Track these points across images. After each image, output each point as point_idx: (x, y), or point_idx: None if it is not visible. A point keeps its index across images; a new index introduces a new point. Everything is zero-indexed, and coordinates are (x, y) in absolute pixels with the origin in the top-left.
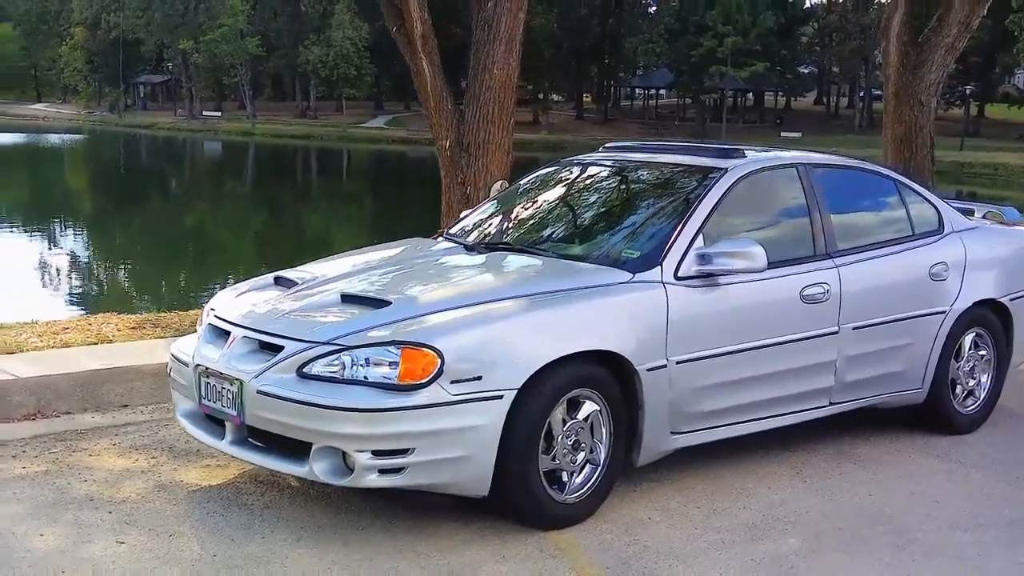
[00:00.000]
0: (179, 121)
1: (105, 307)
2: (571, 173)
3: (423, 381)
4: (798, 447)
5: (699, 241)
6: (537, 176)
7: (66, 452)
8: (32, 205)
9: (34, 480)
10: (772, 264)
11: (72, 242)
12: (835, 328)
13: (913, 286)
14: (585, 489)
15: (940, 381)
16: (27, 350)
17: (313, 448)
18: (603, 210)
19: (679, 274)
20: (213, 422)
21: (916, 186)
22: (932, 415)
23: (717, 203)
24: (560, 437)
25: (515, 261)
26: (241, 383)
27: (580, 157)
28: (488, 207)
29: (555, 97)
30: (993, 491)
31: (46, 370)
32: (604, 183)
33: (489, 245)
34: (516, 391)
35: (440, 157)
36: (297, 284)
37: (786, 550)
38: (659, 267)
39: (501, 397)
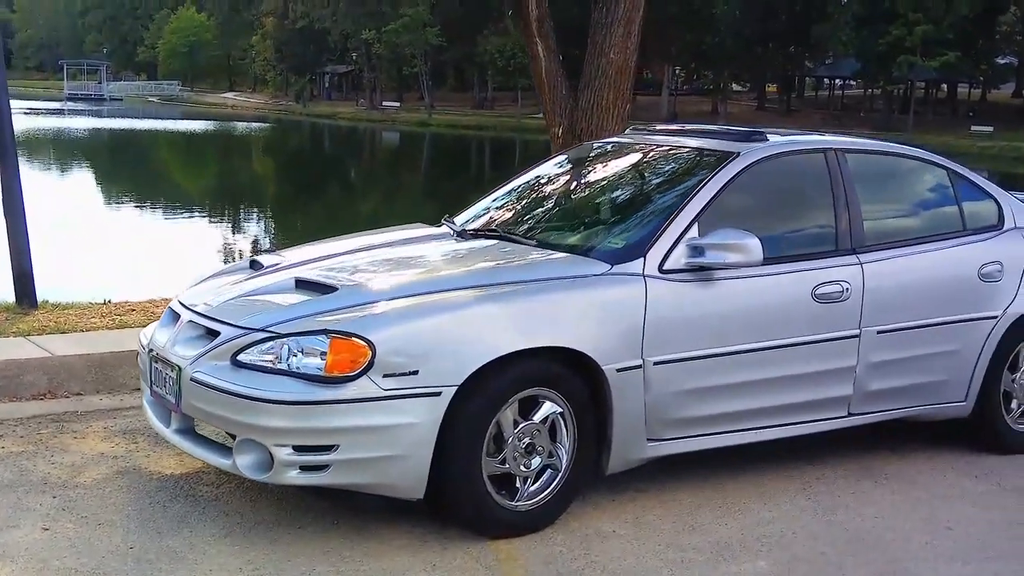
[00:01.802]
0: (360, 111)
1: None
2: (586, 157)
3: (351, 374)
4: (821, 460)
5: (693, 232)
6: (552, 160)
7: (53, 433)
8: (215, 189)
9: (2, 460)
10: (780, 259)
11: (242, 225)
12: (855, 331)
13: (957, 287)
14: (542, 496)
15: (989, 394)
16: (81, 330)
17: (236, 441)
18: (602, 197)
19: (665, 267)
20: (165, 410)
21: (975, 177)
22: (979, 431)
23: (720, 191)
24: (511, 439)
25: (492, 249)
26: (180, 369)
27: (604, 140)
28: (502, 191)
29: (736, 87)
30: (1022, 519)
31: (73, 350)
32: (613, 168)
33: (477, 232)
34: (456, 388)
35: (553, 145)
36: (264, 268)
37: (749, 574)
38: (642, 259)
39: (439, 394)
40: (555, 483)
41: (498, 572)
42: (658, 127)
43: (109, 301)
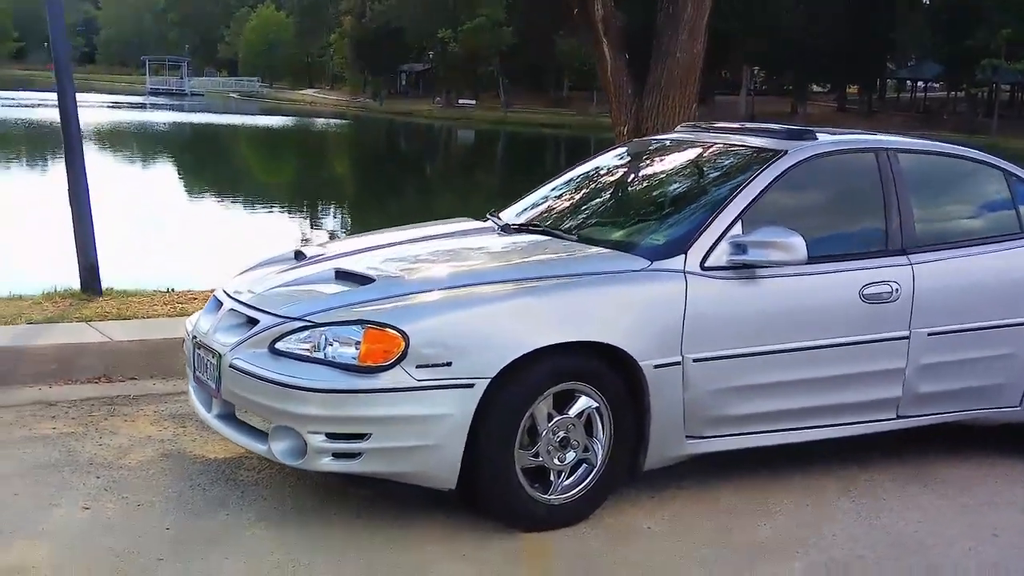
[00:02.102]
0: (436, 109)
1: None
2: (634, 154)
3: (385, 363)
4: (870, 463)
5: (736, 229)
6: (603, 155)
7: (104, 416)
8: (292, 183)
9: (52, 441)
10: (826, 258)
11: (316, 219)
12: (905, 332)
13: (1013, 289)
14: (577, 491)
15: None
16: (141, 317)
17: (272, 427)
18: (646, 193)
19: (707, 264)
20: (207, 395)
21: None
22: None
23: (766, 189)
24: (545, 433)
25: (532, 244)
26: (220, 356)
27: (652, 137)
28: (549, 187)
29: (816, 87)
30: None
31: (131, 336)
32: (660, 165)
33: (522, 226)
34: (489, 381)
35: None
36: (307, 258)
37: None
38: (683, 255)
39: (472, 386)
40: (590, 478)
41: (522, 566)
42: (710, 125)
43: (172, 290)
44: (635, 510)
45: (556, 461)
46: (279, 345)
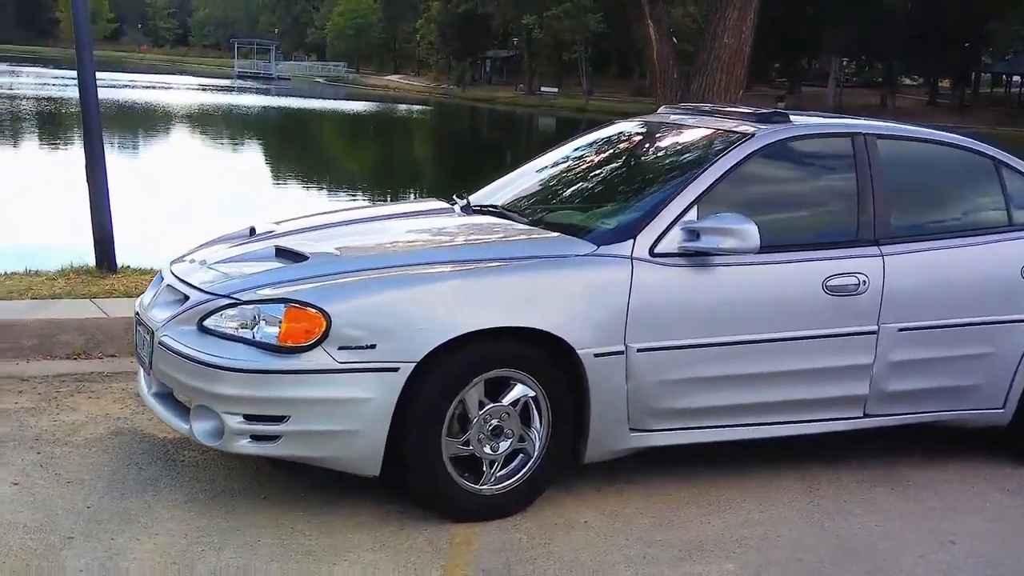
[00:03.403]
0: (518, 96)
1: None
2: (608, 136)
3: (305, 344)
4: (841, 462)
5: (691, 215)
6: (581, 137)
7: (70, 392)
8: (370, 168)
9: (8, 415)
10: (788, 247)
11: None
12: (872, 327)
13: (996, 285)
14: (512, 481)
15: None
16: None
17: (193, 406)
18: (610, 177)
19: (656, 250)
20: (145, 372)
21: None
22: (1019, 441)
23: (727, 173)
24: (476, 421)
25: (482, 226)
26: (152, 332)
27: (632, 120)
28: (524, 169)
29: (908, 80)
30: None
31: (125, 313)
32: (629, 149)
33: (481, 208)
34: (415, 364)
35: None
36: (257, 235)
37: None
38: (631, 240)
39: (396, 370)
40: (526, 469)
41: (442, 557)
42: (694, 107)
43: None
44: (577, 503)
45: (488, 450)
46: (207, 323)
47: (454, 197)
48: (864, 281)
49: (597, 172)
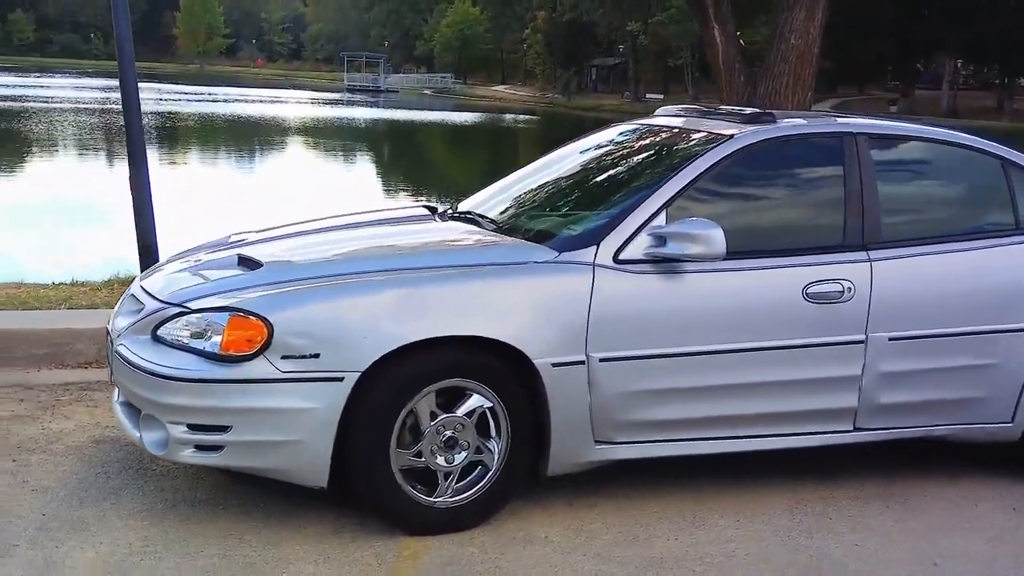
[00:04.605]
0: (623, 103)
1: None
2: (599, 141)
3: (248, 353)
4: (838, 478)
5: (660, 220)
6: (574, 142)
7: (69, 401)
8: (478, 175)
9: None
10: (764, 253)
11: None
12: (860, 336)
13: (1000, 292)
14: (470, 494)
15: None
16: None
17: (141, 415)
18: (587, 182)
19: (621, 257)
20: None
21: None
22: None
23: (699, 177)
24: (429, 432)
25: (449, 231)
26: (113, 341)
27: (627, 123)
28: (515, 174)
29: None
30: None
31: None
32: (615, 153)
33: (455, 214)
34: (360, 374)
35: None
36: (229, 243)
37: None
38: (595, 247)
39: (341, 379)
40: (485, 481)
41: (390, 569)
42: (695, 108)
43: None
44: (544, 516)
45: (442, 462)
46: (160, 332)
47: (438, 204)
48: (849, 288)
49: (579, 177)
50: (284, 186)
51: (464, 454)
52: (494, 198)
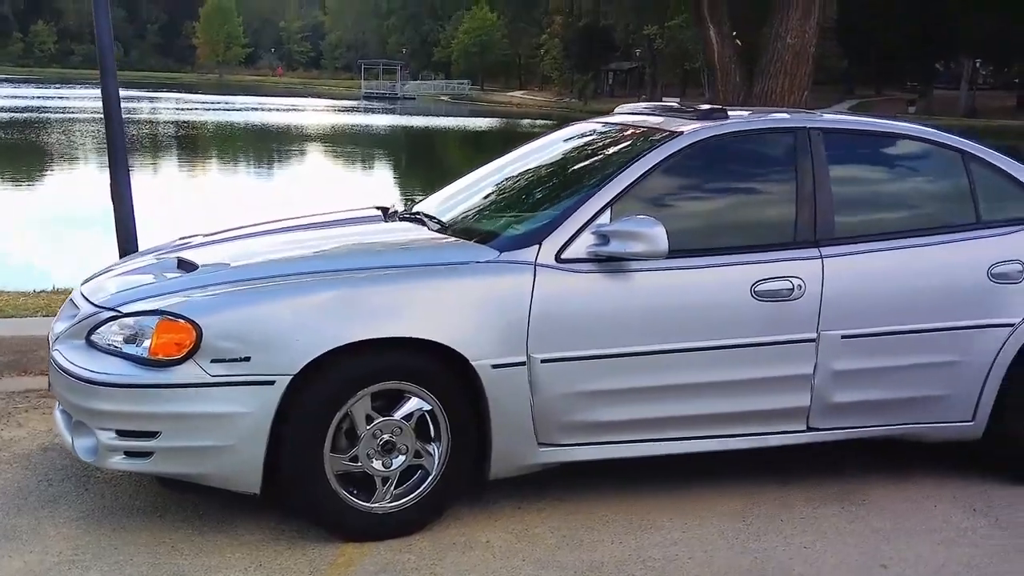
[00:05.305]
0: None
1: None
2: (555, 139)
3: (176, 357)
4: (799, 479)
5: (603, 218)
6: (528, 145)
7: (25, 409)
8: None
9: None
10: (710, 251)
11: None
12: (811, 335)
13: (959, 288)
14: (410, 499)
15: (1011, 414)
16: None
17: (72, 421)
18: (535, 181)
19: (564, 256)
20: None
21: (1000, 162)
22: (995, 457)
23: (646, 174)
24: (365, 436)
25: (394, 232)
26: (50, 345)
27: (585, 123)
28: (474, 174)
29: None
30: (989, 562)
31: None
32: (564, 152)
33: (401, 215)
34: (291, 377)
35: None
36: (175, 245)
37: None
38: (536, 246)
39: (272, 383)
40: (426, 485)
41: None
42: (654, 106)
43: None
44: (488, 521)
45: (379, 467)
46: (93, 336)
47: (391, 206)
48: (799, 286)
49: (530, 177)
50: (285, 188)
51: (402, 458)
52: (449, 200)
